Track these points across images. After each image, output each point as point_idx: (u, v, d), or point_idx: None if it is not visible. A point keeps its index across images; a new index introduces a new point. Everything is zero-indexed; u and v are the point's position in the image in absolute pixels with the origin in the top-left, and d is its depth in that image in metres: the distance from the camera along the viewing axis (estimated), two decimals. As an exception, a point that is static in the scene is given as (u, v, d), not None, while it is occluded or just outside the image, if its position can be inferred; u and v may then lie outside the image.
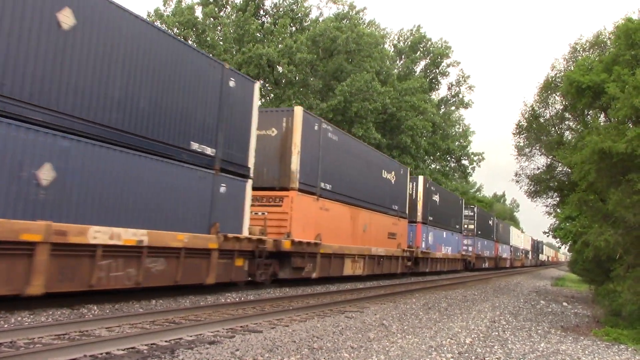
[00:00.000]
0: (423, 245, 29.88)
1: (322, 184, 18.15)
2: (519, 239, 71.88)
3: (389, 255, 24.22)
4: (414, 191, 29.84)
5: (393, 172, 25.62)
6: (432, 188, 32.25)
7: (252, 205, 15.16)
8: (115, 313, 9.49)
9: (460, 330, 10.19)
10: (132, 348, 6.74)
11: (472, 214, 43.99)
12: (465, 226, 42.82)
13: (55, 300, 9.77)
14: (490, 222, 50.81)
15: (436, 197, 32.98)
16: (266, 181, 16.63)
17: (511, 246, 62.43)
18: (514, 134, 24.32)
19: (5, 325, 7.71)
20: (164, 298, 11.86)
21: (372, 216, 22.76)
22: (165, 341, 7.29)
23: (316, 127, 17.80)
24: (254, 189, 15.54)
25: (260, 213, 16.15)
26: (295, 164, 16.45)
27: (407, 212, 27.63)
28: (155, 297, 11.70)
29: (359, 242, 21.22)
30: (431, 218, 31.61)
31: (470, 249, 42.75)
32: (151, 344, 7.03)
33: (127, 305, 10.52)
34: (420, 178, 30.61)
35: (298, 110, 16.85)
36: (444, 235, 34.87)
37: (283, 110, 17.78)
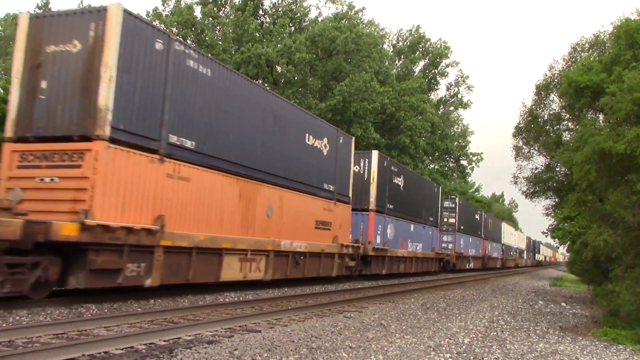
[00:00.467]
0: (378, 240, 23.83)
1: (174, 138, 11.89)
2: (513, 237, 67.13)
3: (316, 252, 18.01)
4: (365, 170, 23.88)
5: (326, 140, 19.31)
6: (392, 168, 26.15)
7: (35, 168, 10.52)
8: (114, 312, 9.48)
9: (458, 330, 10.19)
10: (130, 347, 6.73)
11: (452, 205, 38.23)
12: (445, 220, 37.34)
13: (53, 300, 9.75)
14: (477, 217, 45.67)
15: (399, 180, 26.86)
16: (60, 126, 10.57)
17: (503, 244, 57.18)
18: (514, 135, 24.41)
19: (4, 325, 7.70)
20: (163, 297, 11.85)
21: (286, 196, 16.53)
22: (164, 340, 7.28)
23: (159, 46, 11.55)
24: (40, 139, 10.60)
25: (48, 179, 10.42)
26: (105, 97, 10.23)
27: (350, 195, 21.44)
28: (153, 297, 11.68)
29: (258, 233, 15.07)
30: (391, 206, 25.52)
31: (450, 246, 37.23)
32: (150, 344, 7.02)
33: (126, 305, 10.51)
34: (374, 153, 24.40)
35: (114, 10, 10.48)
36: (412, 229, 29.02)
37: (91, 12, 10.95)
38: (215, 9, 41.18)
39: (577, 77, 16.01)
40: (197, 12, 41.15)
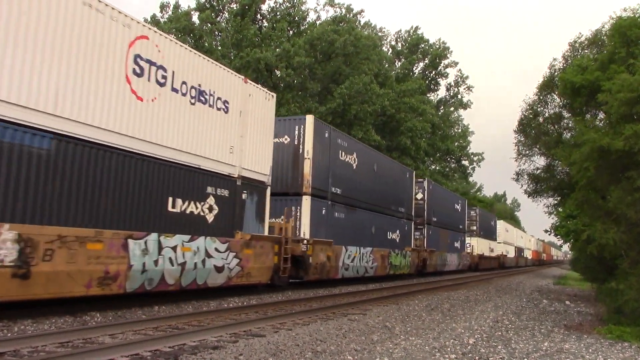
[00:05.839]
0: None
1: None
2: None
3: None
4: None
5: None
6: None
7: None
8: (118, 320, 9.48)
9: (463, 331, 10.19)
10: (135, 354, 6.74)
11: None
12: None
13: (57, 308, 9.77)
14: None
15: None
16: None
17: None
18: (515, 131, 24.39)
19: (9, 334, 7.70)
20: (167, 304, 11.86)
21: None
22: (169, 347, 7.29)
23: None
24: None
25: None
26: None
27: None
28: (157, 304, 11.69)
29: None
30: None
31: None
32: (155, 350, 7.03)
33: (130, 312, 10.52)
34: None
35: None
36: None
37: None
38: (212, 14, 41.28)
39: (572, 78, 16.05)
40: (195, 18, 41.28)
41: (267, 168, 15.58)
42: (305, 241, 17.22)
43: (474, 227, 45.04)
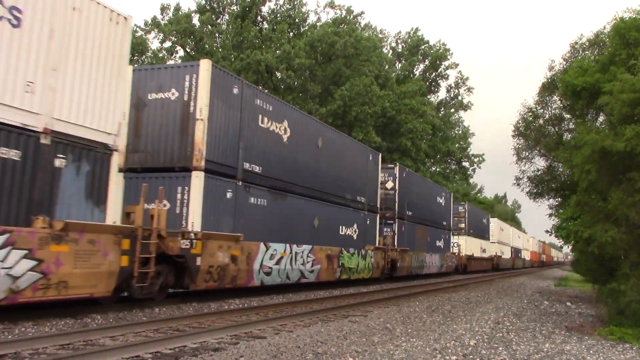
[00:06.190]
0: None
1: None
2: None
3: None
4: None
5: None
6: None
7: None
8: (119, 322, 9.49)
9: (464, 333, 10.18)
10: (136, 356, 6.74)
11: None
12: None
13: (58, 310, 9.77)
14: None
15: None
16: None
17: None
18: (513, 135, 24.37)
19: (10, 336, 7.71)
20: (167, 306, 11.85)
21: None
22: (170, 349, 7.29)
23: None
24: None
25: None
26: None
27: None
28: (158, 306, 11.68)
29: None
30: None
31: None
32: (155, 352, 7.03)
33: (131, 314, 10.52)
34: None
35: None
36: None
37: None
38: (213, 16, 41.32)
39: (573, 80, 16.07)
40: (195, 20, 41.33)
41: (112, 124, 10.50)
42: (192, 235, 12.53)
43: (463, 225, 40.77)
